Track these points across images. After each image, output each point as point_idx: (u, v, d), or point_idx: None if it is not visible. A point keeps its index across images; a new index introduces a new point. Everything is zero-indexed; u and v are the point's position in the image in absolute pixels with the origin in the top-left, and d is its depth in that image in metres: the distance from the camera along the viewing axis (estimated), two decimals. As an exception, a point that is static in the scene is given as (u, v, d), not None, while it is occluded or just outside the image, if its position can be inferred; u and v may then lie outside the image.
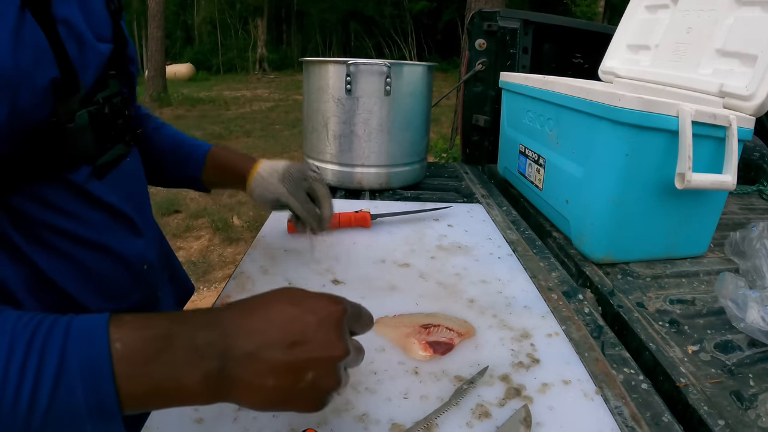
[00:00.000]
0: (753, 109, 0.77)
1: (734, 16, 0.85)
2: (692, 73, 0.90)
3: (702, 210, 0.80)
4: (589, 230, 0.81)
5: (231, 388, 0.32)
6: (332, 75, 1.02)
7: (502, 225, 0.95)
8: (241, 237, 3.20)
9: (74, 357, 0.30)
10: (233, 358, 0.32)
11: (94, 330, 0.31)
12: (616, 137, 0.72)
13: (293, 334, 0.34)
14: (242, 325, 0.34)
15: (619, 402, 0.49)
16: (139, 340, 0.31)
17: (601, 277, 0.76)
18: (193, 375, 0.31)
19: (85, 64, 0.43)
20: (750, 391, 0.51)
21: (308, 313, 0.35)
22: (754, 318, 0.57)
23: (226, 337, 0.33)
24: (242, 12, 17.06)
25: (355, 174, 1.08)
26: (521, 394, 0.48)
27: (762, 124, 1.32)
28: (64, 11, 0.40)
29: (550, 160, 0.94)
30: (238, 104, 9.19)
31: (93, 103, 0.45)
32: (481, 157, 1.51)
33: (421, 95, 1.09)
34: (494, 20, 1.39)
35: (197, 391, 0.32)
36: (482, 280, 0.71)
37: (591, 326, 0.63)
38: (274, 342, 0.33)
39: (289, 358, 0.33)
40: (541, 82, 0.97)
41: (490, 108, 1.44)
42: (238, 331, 0.33)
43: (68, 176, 0.44)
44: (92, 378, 0.30)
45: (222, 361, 0.32)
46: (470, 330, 0.58)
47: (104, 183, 0.48)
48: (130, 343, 0.31)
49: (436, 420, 0.44)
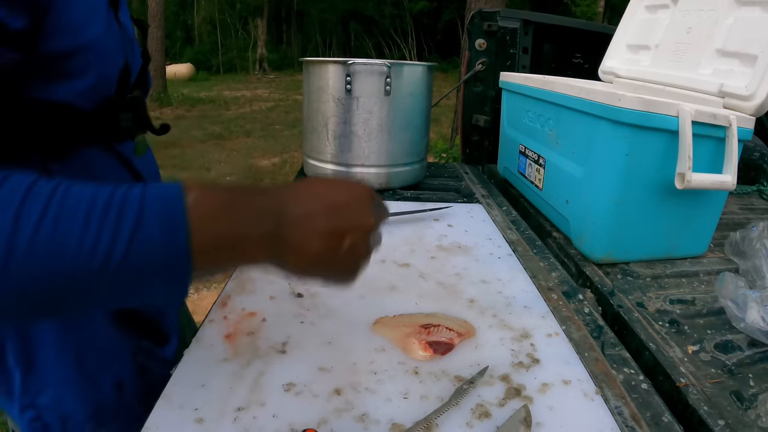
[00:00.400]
0: (753, 109, 0.77)
1: (734, 16, 0.85)
2: (692, 73, 0.90)
3: (702, 210, 0.80)
4: (589, 230, 0.81)
5: (284, 247, 0.36)
6: (332, 75, 1.02)
7: (502, 225, 0.95)
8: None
9: (153, 206, 0.32)
10: (285, 220, 0.36)
11: (170, 188, 0.33)
12: (616, 137, 0.72)
13: (335, 205, 0.39)
14: (292, 194, 0.39)
15: (619, 402, 0.49)
16: (209, 198, 0.34)
17: (601, 277, 0.76)
18: (253, 231, 0.35)
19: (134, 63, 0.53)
20: (750, 391, 0.51)
21: (345, 190, 0.41)
22: (754, 318, 0.57)
23: (279, 203, 0.37)
24: (242, 12, 17.05)
25: (355, 174, 1.08)
26: (521, 394, 0.48)
27: (762, 124, 1.32)
28: (124, 18, 0.52)
29: (550, 160, 0.94)
30: (238, 104, 9.19)
31: (133, 91, 0.53)
32: (481, 157, 1.50)
33: (421, 95, 1.09)
34: (494, 20, 1.39)
35: (257, 246, 0.36)
36: (482, 280, 0.71)
37: (591, 326, 0.63)
38: (319, 210, 0.38)
39: (332, 224, 0.38)
40: (541, 82, 0.97)
41: (490, 108, 1.44)
42: (288, 199, 0.38)
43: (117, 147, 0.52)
44: (169, 226, 0.32)
45: (276, 222, 0.36)
46: (470, 330, 0.58)
47: (141, 161, 0.56)
48: (201, 201, 0.34)
49: (436, 420, 0.44)
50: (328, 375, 0.50)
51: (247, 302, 0.62)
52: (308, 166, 1.15)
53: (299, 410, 0.45)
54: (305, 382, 0.48)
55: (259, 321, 0.58)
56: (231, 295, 0.63)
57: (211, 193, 0.35)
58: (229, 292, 0.64)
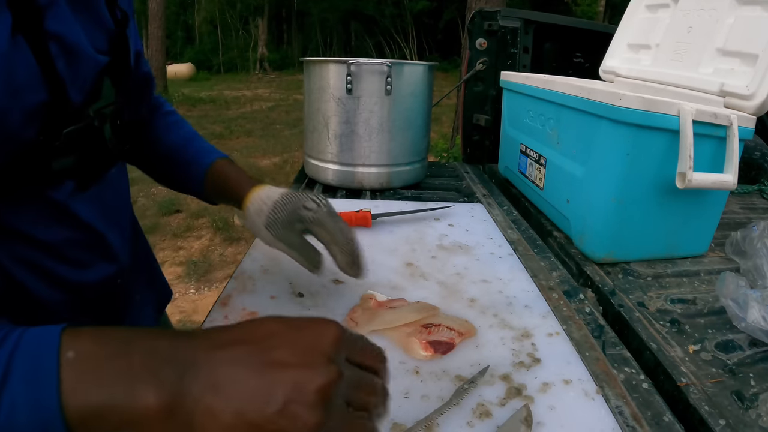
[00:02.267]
0: (754, 109, 0.77)
1: (735, 15, 0.85)
2: (693, 72, 0.90)
3: (703, 209, 0.80)
4: (589, 230, 0.81)
5: (189, 414, 0.27)
6: (333, 75, 1.02)
7: (503, 224, 0.95)
8: (242, 237, 3.20)
9: (20, 365, 0.27)
10: (190, 393, 0.27)
11: (45, 337, 0.28)
12: (617, 136, 0.72)
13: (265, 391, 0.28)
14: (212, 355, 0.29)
15: (620, 401, 0.49)
16: (93, 347, 0.28)
17: (602, 276, 0.76)
18: (147, 388, 0.27)
19: (76, 78, 0.42)
20: (751, 391, 0.51)
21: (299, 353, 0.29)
22: (755, 317, 0.57)
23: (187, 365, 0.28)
24: (243, 12, 17.06)
25: (355, 173, 1.08)
26: (522, 393, 0.48)
27: (763, 123, 1.32)
28: (57, 26, 0.39)
29: (550, 159, 0.94)
30: (239, 104, 9.19)
31: (83, 118, 0.43)
32: (482, 157, 1.50)
33: (421, 95, 1.09)
34: (495, 20, 1.39)
35: (151, 409, 0.26)
36: (483, 279, 0.71)
37: (592, 326, 0.63)
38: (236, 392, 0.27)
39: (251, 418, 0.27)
40: (542, 82, 0.97)
41: (491, 107, 1.44)
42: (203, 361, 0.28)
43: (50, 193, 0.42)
44: (35, 387, 0.26)
45: (182, 379, 0.27)
46: (471, 329, 0.58)
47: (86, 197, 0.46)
48: (83, 352, 0.27)
49: (436, 419, 0.44)
50: (328, 374, 0.50)
51: (248, 302, 0.62)
52: (309, 166, 1.15)
53: (300, 410, 0.45)
54: (306, 382, 0.48)
55: (259, 320, 0.58)
56: (232, 295, 0.63)
57: (99, 339, 0.28)
58: (230, 292, 0.64)
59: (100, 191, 0.49)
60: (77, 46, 0.41)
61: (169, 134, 0.65)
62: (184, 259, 2.94)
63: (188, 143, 0.65)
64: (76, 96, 0.42)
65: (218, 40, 17.09)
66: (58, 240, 0.45)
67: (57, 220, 0.44)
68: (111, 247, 0.52)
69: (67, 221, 0.45)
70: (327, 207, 0.58)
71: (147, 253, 0.69)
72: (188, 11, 18.01)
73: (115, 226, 0.53)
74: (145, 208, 3.66)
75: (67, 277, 0.47)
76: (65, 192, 0.44)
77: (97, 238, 0.50)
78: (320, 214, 0.57)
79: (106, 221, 0.51)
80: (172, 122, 0.67)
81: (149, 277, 0.68)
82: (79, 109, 0.42)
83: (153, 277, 0.70)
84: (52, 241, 0.44)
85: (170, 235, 3.27)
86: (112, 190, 0.52)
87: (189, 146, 0.65)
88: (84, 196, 0.46)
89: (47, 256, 0.45)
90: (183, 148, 0.65)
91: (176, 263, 2.89)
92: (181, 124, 0.68)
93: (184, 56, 16.78)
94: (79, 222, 0.46)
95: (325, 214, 0.57)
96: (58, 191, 0.43)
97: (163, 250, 3.04)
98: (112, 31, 0.48)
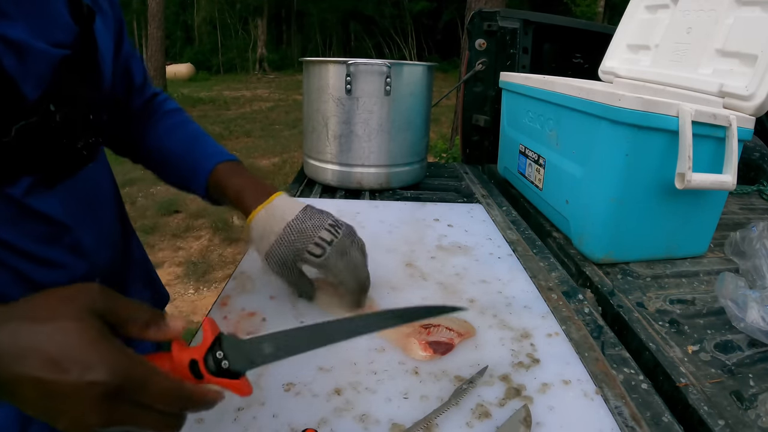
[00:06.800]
0: (753, 109, 0.77)
1: (734, 16, 0.85)
2: (692, 73, 0.91)
3: (702, 210, 0.80)
4: (589, 230, 0.81)
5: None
6: (332, 75, 1.02)
7: (502, 225, 0.95)
8: (241, 237, 3.20)
9: None
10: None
11: None
12: (616, 137, 0.72)
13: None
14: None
15: (619, 402, 0.49)
16: None
17: (601, 277, 0.76)
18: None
19: (28, 74, 0.41)
20: (750, 391, 0.51)
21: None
22: (754, 318, 0.57)
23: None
24: (242, 12, 17.08)
25: (354, 174, 1.08)
26: (521, 394, 0.48)
27: (762, 124, 1.32)
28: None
29: (550, 160, 0.94)
30: (238, 104, 9.19)
31: (41, 113, 0.42)
32: (481, 157, 1.51)
33: (421, 95, 1.09)
34: (494, 20, 1.39)
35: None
36: (482, 280, 0.71)
37: (591, 326, 0.63)
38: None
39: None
40: (541, 82, 0.97)
41: (490, 108, 1.44)
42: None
43: (4, 189, 0.42)
44: None
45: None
46: (470, 330, 0.58)
47: (53, 193, 0.46)
48: None
49: (436, 420, 0.44)
50: (328, 375, 0.50)
51: (247, 302, 0.62)
52: (308, 166, 1.15)
53: (299, 410, 0.45)
54: (305, 382, 0.48)
55: (259, 321, 0.58)
56: (231, 295, 0.63)
57: None
58: (229, 292, 0.64)
59: (71, 187, 0.48)
60: (24, 43, 0.41)
61: (171, 138, 0.64)
62: (184, 259, 2.94)
63: (190, 148, 0.64)
64: (32, 91, 0.42)
65: (218, 40, 17.10)
66: (16, 236, 0.44)
67: (14, 216, 0.43)
68: (80, 244, 0.50)
69: (26, 217, 0.44)
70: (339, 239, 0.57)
71: (141, 255, 0.68)
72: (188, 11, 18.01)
73: (90, 223, 0.52)
74: (144, 209, 3.66)
75: (37, 277, 0.46)
76: (21, 188, 0.43)
77: (63, 233, 0.48)
78: (327, 260, 0.56)
79: (77, 218, 0.49)
80: (173, 124, 0.65)
81: (144, 280, 0.67)
82: (36, 104, 0.42)
83: (148, 279, 0.69)
84: (10, 238, 0.43)
85: (169, 235, 3.27)
86: (88, 186, 0.51)
87: (190, 152, 0.64)
88: (50, 192, 0.46)
89: (11, 254, 0.44)
90: (184, 153, 0.64)
91: (175, 263, 2.89)
92: (184, 125, 0.66)
93: (183, 56, 16.78)
94: (41, 217, 0.46)
95: (333, 258, 0.56)
96: (13, 187, 0.42)
97: (162, 251, 3.04)
98: (71, 25, 0.46)
